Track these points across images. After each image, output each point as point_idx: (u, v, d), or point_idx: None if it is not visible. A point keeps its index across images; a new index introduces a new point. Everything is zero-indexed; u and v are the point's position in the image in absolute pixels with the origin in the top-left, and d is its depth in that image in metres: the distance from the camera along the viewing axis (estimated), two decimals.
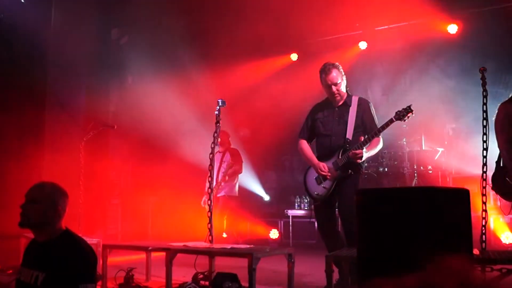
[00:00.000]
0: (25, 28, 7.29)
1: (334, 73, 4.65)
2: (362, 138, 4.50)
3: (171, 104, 9.02)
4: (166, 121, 9.80)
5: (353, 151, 4.44)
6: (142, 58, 9.84)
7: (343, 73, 4.73)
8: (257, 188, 10.11)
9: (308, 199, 8.90)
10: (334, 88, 4.66)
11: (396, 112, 4.43)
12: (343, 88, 4.72)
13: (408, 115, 4.39)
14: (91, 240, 5.03)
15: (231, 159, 7.65)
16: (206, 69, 9.34)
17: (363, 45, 9.62)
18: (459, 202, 2.09)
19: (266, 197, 10.15)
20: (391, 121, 4.42)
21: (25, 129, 7.31)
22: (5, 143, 7.05)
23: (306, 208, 8.94)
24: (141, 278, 5.20)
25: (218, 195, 7.53)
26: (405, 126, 8.18)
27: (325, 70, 4.69)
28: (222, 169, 7.55)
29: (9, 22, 7.21)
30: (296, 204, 9.10)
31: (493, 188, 4.47)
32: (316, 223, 7.89)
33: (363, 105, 4.72)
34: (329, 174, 4.60)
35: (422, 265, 1.32)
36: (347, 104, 4.73)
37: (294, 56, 10.32)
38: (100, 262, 4.94)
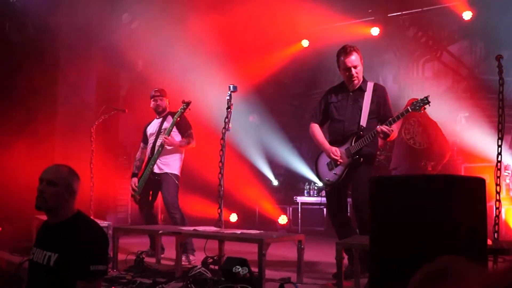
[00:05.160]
0: (37, 12, 7.28)
1: (353, 56, 4.52)
2: (378, 125, 4.42)
3: (182, 88, 9.00)
4: (177, 104, 9.77)
5: (384, 126, 4.32)
6: (152, 43, 9.82)
7: (361, 57, 4.60)
8: (268, 173, 10.09)
9: (317, 186, 8.90)
10: (353, 70, 4.53)
11: (413, 103, 4.37)
12: (361, 72, 4.61)
13: (425, 106, 4.35)
14: (102, 223, 5.07)
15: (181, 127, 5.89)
16: (218, 54, 9.30)
17: (375, 31, 9.52)
18: (475, 191, 2.07)
19: (275, 182, 10.14)
20: (407, 111, 4.39)
21: (37, 112, 7.34)
22: (18, 127, 7.09)
23: (315, 195, 8.94)
24: (151, 261, 5.24)
25: (156, 171, 5.79)
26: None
27: (345, 52, 4.54)
28: (159, 141, 5.80)
29: (21, 6, 7.22)
30: (306, 191, 9.10)
31: None
32: (325, 210, 7.90)
33: (379, 91, 4.63)
34: (341, 159, 4.55)
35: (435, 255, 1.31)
36: (362, 89, 4.63)
37: (305, 43, 10.27)
38: (110, 245, 4.98)
